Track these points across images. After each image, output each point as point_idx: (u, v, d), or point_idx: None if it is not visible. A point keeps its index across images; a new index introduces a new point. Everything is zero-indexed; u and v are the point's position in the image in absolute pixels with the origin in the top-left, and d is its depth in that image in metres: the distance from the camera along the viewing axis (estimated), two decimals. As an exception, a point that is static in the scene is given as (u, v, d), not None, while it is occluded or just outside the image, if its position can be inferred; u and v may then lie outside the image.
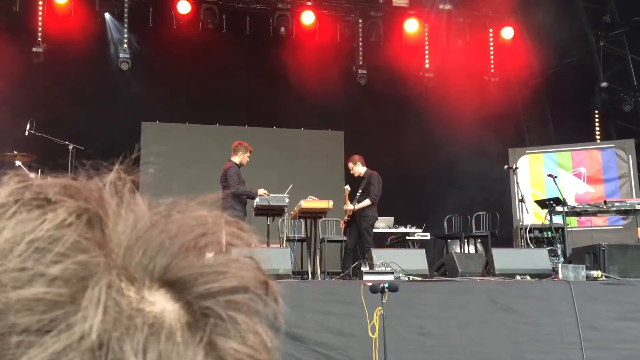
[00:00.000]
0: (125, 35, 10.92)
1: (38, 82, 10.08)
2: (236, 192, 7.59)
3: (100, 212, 0.40)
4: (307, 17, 11.39)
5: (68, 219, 0.39)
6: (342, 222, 8.63)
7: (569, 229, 8.27)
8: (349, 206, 8.19)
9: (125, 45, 10.89)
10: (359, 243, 8.20)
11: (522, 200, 8.45)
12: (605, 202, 8.45)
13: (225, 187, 7.63)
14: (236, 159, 7.82)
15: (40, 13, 10.55)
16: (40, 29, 10.53)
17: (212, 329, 0.39)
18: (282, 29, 11.45)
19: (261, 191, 7.68)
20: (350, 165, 8.54)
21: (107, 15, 10.94)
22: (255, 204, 7.75)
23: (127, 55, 10.86)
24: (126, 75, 10.90)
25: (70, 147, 7.36)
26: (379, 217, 9.30)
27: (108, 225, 0.40)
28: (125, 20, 10.94)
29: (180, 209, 0.43)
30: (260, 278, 0.42)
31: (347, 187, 8.33)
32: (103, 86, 10.66)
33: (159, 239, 0.40)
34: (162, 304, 0.38)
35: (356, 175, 8.48)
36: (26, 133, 7.57)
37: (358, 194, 8.26)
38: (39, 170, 0.49)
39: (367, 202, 8.16)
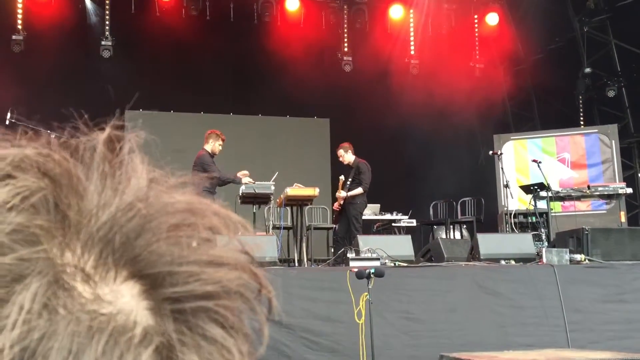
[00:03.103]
0: (107, 23, 10.77)
1: (19, 71, 9.93)
2: (221, 177, 7.54)
3: (60, 192, 0.33)
4: (292, 4, 11.30)
5: (11, 200, 0.32)
6: (335, 205, 8.59)
7: (553, 214, 8.33)
8: (342, 193, 8.18)
9: (107, 33, 10.75)
10: (349, 231, 8.22)
11: (506, 186, 8.50)
12: (588, 187, 8.52)
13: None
14: (208, 147, 7.70)
15: (20, 0, 10.37)
16: (20, 16, 10.35)
17: (176, 339, 0.33)
18: (267, 16, 11.37)
19: (244, 177, 7.65)
20: (341, 152, 8.46)
21: (88, 2, 10.78)
22: (240, 192, 7.71)
23: (109, 43, 10.71)
24: (108, 63, 10.76)
25: (52, 136, 7.25)
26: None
27: (71, 207, 0.33)
28: (107, 7, 10.79)
29: (160, 189, 0.37)
30: (253, 279, 0.37)
31: (342, 177, 8.31)
32: (85, 74, 10.51)
33: (133, 223, 0.34)
34: (125, 300, 0.32)
35: (345, 162, 8.43)
36: (7, 122, 7.46)
37: (348, 182, 8.24)
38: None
39: (359, 190, 8.15)
